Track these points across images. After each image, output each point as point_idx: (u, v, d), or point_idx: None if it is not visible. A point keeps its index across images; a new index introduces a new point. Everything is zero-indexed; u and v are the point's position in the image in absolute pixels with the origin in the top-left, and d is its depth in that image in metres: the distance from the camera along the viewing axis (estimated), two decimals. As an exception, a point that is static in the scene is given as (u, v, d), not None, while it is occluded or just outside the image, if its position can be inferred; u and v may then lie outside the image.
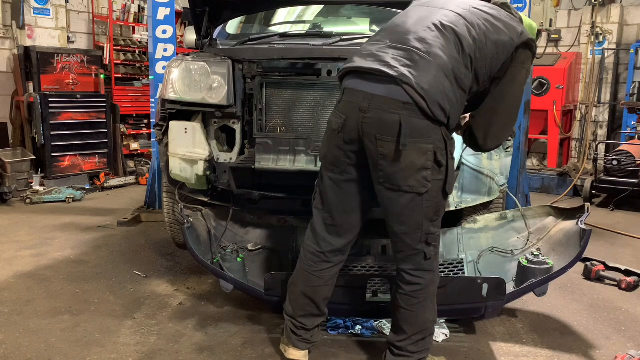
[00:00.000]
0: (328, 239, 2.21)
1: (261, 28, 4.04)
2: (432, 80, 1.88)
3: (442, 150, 1.95)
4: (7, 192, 5.39)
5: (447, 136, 1.98)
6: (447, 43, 1.94)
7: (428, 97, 1.88)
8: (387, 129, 1.90)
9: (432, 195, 1.98)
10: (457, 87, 1.97)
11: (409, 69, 1.89)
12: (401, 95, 1.89)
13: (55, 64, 6.17)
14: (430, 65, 1.90)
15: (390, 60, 1.93)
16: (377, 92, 1.93)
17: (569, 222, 2.86)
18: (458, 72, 1.95)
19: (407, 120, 1.88)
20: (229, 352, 2.51)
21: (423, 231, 2.03)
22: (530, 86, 4.94)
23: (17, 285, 3.27)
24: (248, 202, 3.07)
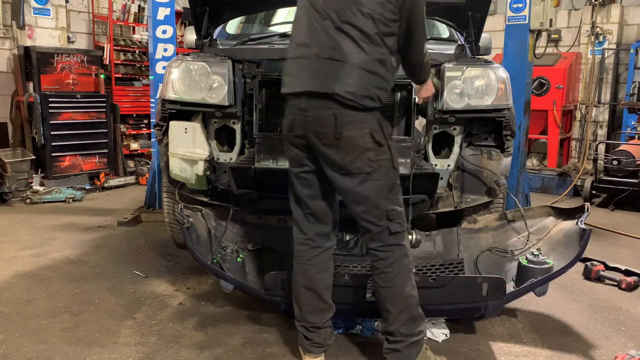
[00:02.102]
0: (310, 226, 2.33)
1: (261, 28, 4.04)
2: (356, 83, 2.07)
3: (378, 132, 2.13)
4: (7, 192, 5.39)
5: (380, 119, 2.17)
6: (354, 39, 2.07)
7: (355, 97, 2.07)
8: (325, 123, 2.11)
9: (381, 173, 2.15)
10: (387, 60, 2.12)
11: (333, 80, 2.07)
12: (334, 99, 2.09)
13: (55, 64, 6.17)
14: (350, 69, 2.07)
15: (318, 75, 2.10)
16: (313, 96, 2.12)
17: (569, 222, 2.86)
18: (379, 53, 2.09)
19: (340, 112, 2.09)
20: (229, 352, 2.51)
21: (382, 208, 2.17)
22: (531, 86, 4.94)
23: (17, 285, 3.27)
24: (248, 202, 3.07)
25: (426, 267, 2.95)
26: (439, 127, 2.98)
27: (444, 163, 3.01)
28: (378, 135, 2.12)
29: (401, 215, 2.21)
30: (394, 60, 2.18)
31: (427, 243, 3.07)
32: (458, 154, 3.02)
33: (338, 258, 3.06)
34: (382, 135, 2.14)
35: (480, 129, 3.08)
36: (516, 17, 4.53)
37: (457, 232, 3.08)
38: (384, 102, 2.18)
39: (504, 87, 2.88)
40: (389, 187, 2.18)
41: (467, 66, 2.88)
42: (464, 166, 3.06)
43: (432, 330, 2.67)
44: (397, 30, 2.13)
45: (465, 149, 3.07)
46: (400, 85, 2.89)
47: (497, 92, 2.86)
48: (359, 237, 3.11)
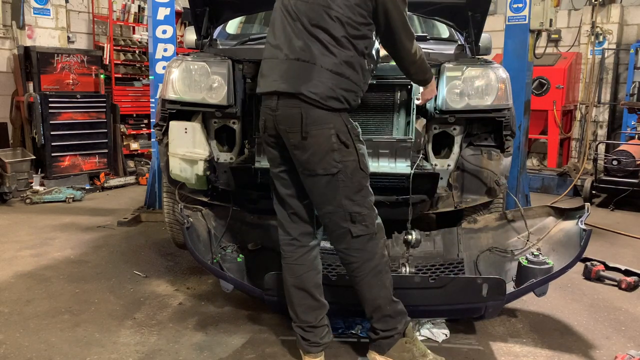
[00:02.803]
0: (295, 226, 2.36)
1: (261, 28, 4.04)
2: (322, 85, 2.09)
3: (345, 133, 2.14)
4: (7, 192, 5.39)
5: (347, 121, 2.17)
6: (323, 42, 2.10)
7: (321, 97, 2.09)
8: (293, 122, 2.13)
9: (347, 175, 2.15)
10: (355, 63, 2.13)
11: (301, 81, 2.10)
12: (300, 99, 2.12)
13: (55, 64, 6.17)
14: (317, 71, 2.10)
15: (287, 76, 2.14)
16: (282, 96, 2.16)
17: (569, 222, 2.86)
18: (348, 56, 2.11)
19: (306, 111, 2.11)
20: (229, 352, 2.51)
21: (346, 210, 2.18)
22: (530, 86, 4.94)
23: (17, 285, 3.27)
24: (248, 202, 3.07)
25: (426, 267, 2.96)
26: (439, 127, 2.98)
27: (444, 163, 3.01)
28: (344, 136, 2.13)
29: (367, 218, 2.20)
30: (366, 63, 2.20)
31: (427, 243, 3.07)
32: (458, 154, 3.02)
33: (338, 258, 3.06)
34: (349, 136, 2.15)
35: (480, 129, 3.08)
36: (516, 17, 4.53)
37: (457, 232, 3.08)
38: (353, 104, 2.19)
39: (504, 87, 2.88)
40: (354, 189, 2.18)
41: (467, 66, 2.88)
42: (464, 166, 3.06)
43: (432, 330, 2.67)
44: (368, 34, 2.16)
45: (465, 149, 3.07)
46: (400, 85, 2.89)
47: (497, 92, 2.86)
48: None
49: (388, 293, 2.28)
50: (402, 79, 2.85)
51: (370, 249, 2.23)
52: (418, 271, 2.83)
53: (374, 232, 2.23)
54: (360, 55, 2.16)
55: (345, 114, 2.18)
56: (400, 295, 2.45)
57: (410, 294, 2.46)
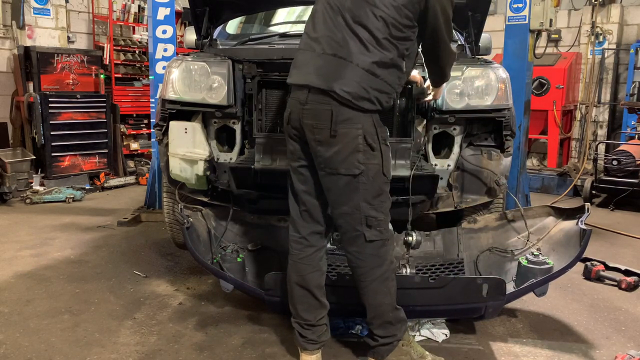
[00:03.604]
0: (305, 225, 2.33)
1: (261, 28, 4.04)
2: (355, 84, 2.05)
3: (372, 135, 2.10)
4: (7, 192, 5.39)
5: (377, 123, 2.13)
6: (362, 40, 2.06)
7: (353, 97, 2.05)
8: (321, 118, 2.09)
9: (368, 177, 2.12)
10: (394, 64, 2.10)
11: (334, 77, 2.06)
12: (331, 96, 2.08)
13: (55, 64, 6.17)
14: (352, 68, 2.06)
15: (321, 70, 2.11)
16: (313, 91, 2.12)
17: (569, 222, 2.86)
18: (386, 57, 2.07)
19: (337, 109, 2.07)
20: (229, 352, 2.51)
21: (362, 213, 2.14)
22: (530, 86, 4.94)
23: (17, 285, 3.27)
24: (248, 202, 3.07)
25: (426, 267, 2.96)
26: (439, 127, 2.98)
27: (444, 163, 3.01)
28: (371, 138, 2.10)
29: (382, 223, 2.18)
30: (405, 66, 2.16)
31: (427, 243, 3.07)
32: (458, 154, 3.02)
33: (338, 258, 3.06)
34: (376, 139, 2.11)
35: (480, 129, 3.08)
36: (516, 17, 4.53)
37: (457, 232, 3.08)
38: (385, 106, 2.15)
39: (504, 87, 2.88)
40: (374, 193, 2.15)
41: (467, 66, 2.88)
42: (464, 166, 3.06)
43: (432, 330, 2.68)
44: (411, 36, 2.12)
45: (465, 149, 3.07)
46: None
47: (497, 92, 2.86)
48: None
49: (392, 300, 2.26)
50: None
51: (381, 254, 2.20)
52: (418, 271, 2.84)
53: (387, 239, 2.20)
54: (400, 57, 2.11)
55: (376, 115, 2.13)
56: (401, 295, 2.45)
57: (410, 294, 2.46)
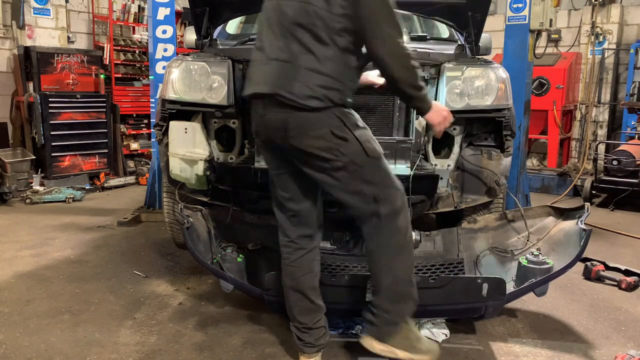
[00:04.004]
0: (292, 228, 2.34)
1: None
2: (300, 84, 2.02)
3: (339, 127, 2.07)
4: (7, 192, 5.39)
5: (341, 114, 2.09)
6: (301, 39, 2.04)
7: (298, 97, 2.02)
8: (281, 126, 2.09)
9: (355, 164, 2.09)
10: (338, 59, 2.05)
11: (279, 81, 2.06)
12: (281, 102, 2.07)
13: (55, 64, 6.17)
14: (295, 70, 2.04)
15: (266, 77, 2.12)
16: (266, 98, 2.12)
17: (569, 222, 2.86)
18: (329, 53, 2.03)
19: (293, 115, 2.06)
20: (229, 352, 2.51)
21: (367, 194, 2.12)
22: (530, 86, 4.94)
23: (17, 285, 3.27)
24: (248, 202, 3.07)
25: (426, 267, 2.96)
26: None
27: (444, 163, 3.01)
28: (340, 131, 2.06)
29: (391, 192, 2.13)
30: (352, 59, 2.10)
31: (427, 243, 3.07)
32: (458, 154, 3.02)
33: (338, 258, 3.06)
34: (345, 129, 2.08)
35: (480, 129, 3.08)
36: (516, 17, 4.53)
37: (457, 232, 3.08)
38: (339, 102, 2.09)
39: (504, 87, 2.88)
40: (369, 172, 2.12)
41: (467, 66, 2.88)
42: (464, 166, 3.06)
43: (432, 330, 2.67)
44: (351, 27, 2.03)
45: (465, 149, 3.07)
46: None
47: (497, 92, 2.86)
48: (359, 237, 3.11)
49: (409, 271, 2.19)
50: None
51: (398, 225, 2.15)
52: (418, 271, 2.83)
53: (399, 208, 2.15)
54: (344, 51, 2.06)
55: (338, 108, 2.09)
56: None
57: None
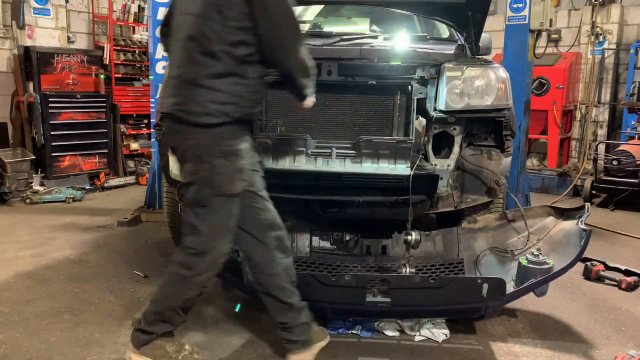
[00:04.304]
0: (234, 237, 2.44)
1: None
2: (192, 101, 2.08)
3: (205, 148, 2.12)
4: (7, 192, 5.39)
5: (218, 137, 2.12)
6: (193, 55, 2.08)
7: (191, 114, 2.10)
8: (167, 135, 2.29)
9: (197, 187, 2.18)
10: (232, 73, 2.07)
11: (174, 99, 2.15)
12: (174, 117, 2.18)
13: (55, 64, 6.17)
14: (188, 87, 2.10)
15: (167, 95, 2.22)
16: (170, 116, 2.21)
17: (569, 222, 2.86)
18: (222, 67, 2.06)
19: (172, 125, 2.20)
20: (229, 352, 2.51)
21: (186, 217, 2.24)
22: (530, 86, 4.94)
23: (17, 285, 3.27)
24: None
25: (426, 267, 2.96)
26: (439, 127, 2.98)
27: (444, 163, 3.00)
28: (202, 151, 2.12)
29: (202, 235, 2.18)
30: (249, 71, 2.11)
31: (427, 243, 3.07)
32: (458, 154, 3.02)
33: (338, 258, 3.06)
34: (210, 152, 2.11)
35: (480, 129, 3.08)
36: (516, 17, 4.53)
37: (457, 232, 3.08)
38: (237, 115, 2.12)
39: (504, 87, 2.88)
40: (198, 203, 2.17)
41: (467, 66, 2.88)
42: (464, 166, 3.06)
43: (432, 330, 2.68)
44: (248, 39, 2.06)
45: (465, 149, 3.06)
46: (400, 86, 2.89)
47: (497, 92, 2.86)
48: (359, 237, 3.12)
49: (176, 303, 2.26)
50: (402, 80, 2.85)
51: (191, 262, 2.20)
52: (418, 271, 2.83)
53: (202, 251, 2.20)
54: (241, 64, 2.08)
55: (222, 129, 2.10)
56: (400, 295, 2.45)
57: (411, 294, 2.46)
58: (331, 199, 2.88)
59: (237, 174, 2.17)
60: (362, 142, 2.74)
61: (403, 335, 2.68)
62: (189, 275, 2.21)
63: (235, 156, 2.15)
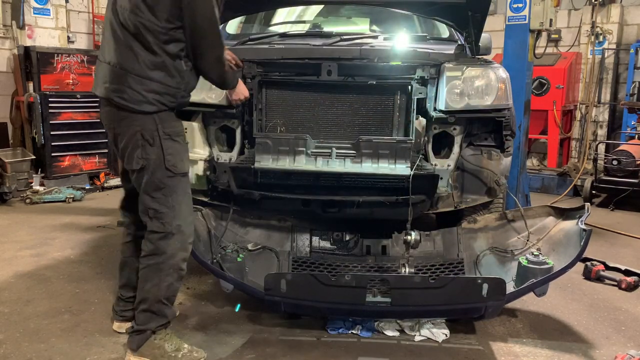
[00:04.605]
0: (127, 212, 2.59)
1: (261, 28, 4.04)
2: (130, 90, 2.19)
3: (151, 131, 2.23)
4: (7, 192, 5.39)
5: (161, 120, 2.25)
6: (131, 46, 2.18)
7: (129, 102, 2.20)
8: (108, 120, 2.32)
9: (149, 171, 2.26)
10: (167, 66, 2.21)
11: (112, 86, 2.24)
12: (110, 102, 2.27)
13: (55, 64, 6.17)
14: (126, 76, 2.19)
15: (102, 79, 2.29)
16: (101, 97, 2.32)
17: (569, 222, 2.86)
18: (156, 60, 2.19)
19: (114, 112, 2.27)
20: (229, 352, 2.51)
21: (144, 204, 2.31)
22: (531, 86, 4.94)
23: (17, 285, 3.27)
24: (248, 202, 3.07)
25: (426, 267, 2.96)
26: (439, 127, 2.98)
27: (444, 163, 3.01)
28: (149, 135, 2.22)
29: (165, 216, 2.28)
30: (183, 64, 2.25)
31: (427, 243, 3.07)
32: (458, 154, 3.02)
33: (338, 258, 3.06)
34: (155, 135, 2.23)
35: (480, 129, 3.08)
36: (516, 17, 4.53)
37: (457, 232, 3.09)
38: (171, 105, 2.27)
39: (504, 87, 2.88)
40: (155, 186, 2.27)
41: (467, 66, 2.88)
42: (464, 166, 3.06)
43: (432, 330, 2.68)
44: (181, 37, 2.20)
45: (465, 149, 3.07)
46: (400, 86, 2.89)
47: (497, 92, 2.86)
48: (359, 237, 3.12)
49: (160, 293, 2.33)
50: (402, 79, 2.85)
51: (160, 246, 2.30)
52: (418, 271, 2.83)
53: (169, 232, 2.29)
54: (175, 59, 2.22)
55: (163, 113, 2.25)
56: (401, 295, 2.45)
57: (411, 294, 2.46)
58: (331, 199, 2.89)
59: (185, 154, 2.36)
60: (362, 142, 2.74)
61: (403, 335, 2.68)
62: (162, 260, 2.31)
63: (180, 136, 2.34)
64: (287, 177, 2.85)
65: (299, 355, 2.47)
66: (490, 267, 2.96)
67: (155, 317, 2.35)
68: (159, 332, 2.37)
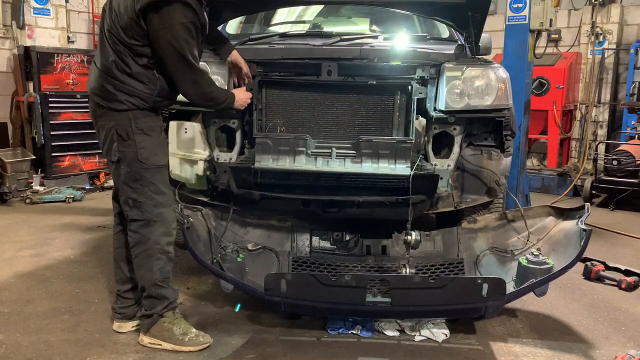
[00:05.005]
0: (115, 204, 2.72)
1: (261, 28, 4.04)
2: (105, 90, 2.39)
3: (125, 127, 2.40)
4: (7, 192, 5.39)
5: (134, 117, 2.41)
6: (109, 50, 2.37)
7: (103, 99, 2.40)
8: (91, 115, 2.51)
9: (126, 163, 2.43)
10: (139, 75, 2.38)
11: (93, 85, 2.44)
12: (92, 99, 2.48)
13: (55, 64, 6.16)
14: (103, 77, 2.40)
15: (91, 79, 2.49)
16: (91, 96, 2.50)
17: (569, 222, 2.86)
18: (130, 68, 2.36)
19: (95, 108, 2.47)
20: (229, 352, 2.51)
21: (125, 195, 2.49)
22: (531, 86, 4.94)
23: (17, 285, 3.27)
24: (248, 202, 3.07)
25: (426, 267, 2.96)
26: (439, 127, 2.98)
27: (444, 163, 3.01)
28: (122, 130, 2.39)
29: (143, 205, 2.45)
30: (155, 73, 2.40)
31: (427, 243, 3.07)
32: (458, 154, 3.02)
33: (338, 258, 3.06)
34: (130, 130, 2.39)
35: (480, 129, 3.08)
36: (516, 17, 4.53)
37: (457, 232, 3.09)
38: (143, 105, 2.41)
39: (504, 87, 2.88)
40: (132, 177, 2.44)
41: (467, 66, 2.88)
42: (464, 166, 3.06)
43: (432, 330, 2.68)
44: (148, 52, 2.36)
45: (465, 149, 3.07)
46: (400, 86, 2.89)
47: (497, 92, 2.86)
48: (359, 237, 3.12)
49: (154, 277, 2.50)
50: (402, 79, 2.85)
51: (144, 233, 2.48)
52: (418, 271, 2.83)
53: (150, 219, 2.46)
54: (146, 69, 2.39)
55: (136, 111, 2.40)
56: (401, 295, 2.45)
57: (411, 294, 2.46)
58: (331, 199, 2.89)
59: (160, 147, 2.51)
60: (362, 142, 2.74)
61: (403, 335, 2.68)
62: (148, 247, 2.48)
63: (154, 131, 2.47)
64: (287, 177, 2.85)
65: (299, 355, 2.47)
66: (490, 267, 2.96)
67: (157, 301, 2.53)
68: (167, 315, 2.54)
